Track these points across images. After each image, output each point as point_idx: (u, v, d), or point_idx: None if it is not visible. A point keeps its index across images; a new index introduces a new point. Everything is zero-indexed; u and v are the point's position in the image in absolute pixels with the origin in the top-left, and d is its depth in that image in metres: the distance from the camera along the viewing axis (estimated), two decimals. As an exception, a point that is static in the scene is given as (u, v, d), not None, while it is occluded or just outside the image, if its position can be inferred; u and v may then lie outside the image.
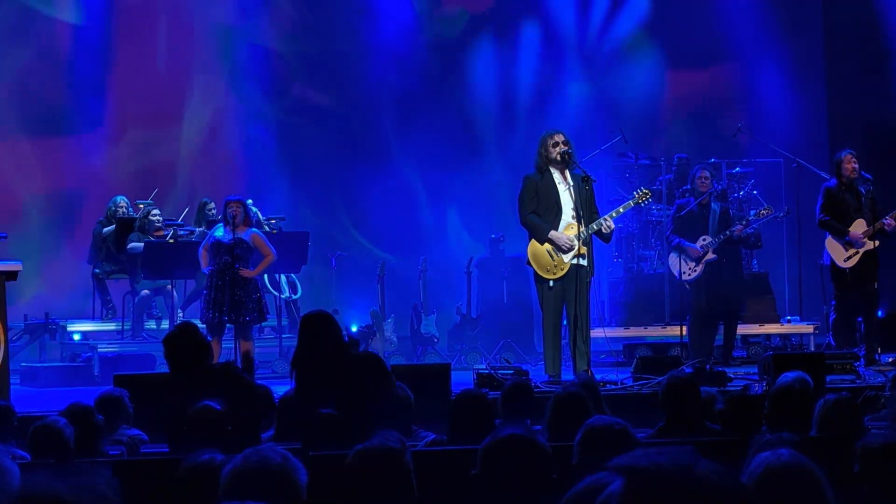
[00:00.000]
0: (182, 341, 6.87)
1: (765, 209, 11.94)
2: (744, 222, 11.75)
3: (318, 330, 6.85)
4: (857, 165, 11.19)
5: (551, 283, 9.79)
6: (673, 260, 11.58)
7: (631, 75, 15.65)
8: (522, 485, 3.59)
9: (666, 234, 11.87)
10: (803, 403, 5.78)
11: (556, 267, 9.78)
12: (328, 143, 15.40)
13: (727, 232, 11.35)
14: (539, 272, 9.83)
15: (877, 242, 11.11)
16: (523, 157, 10.72)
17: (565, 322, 10.03)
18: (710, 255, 11.33)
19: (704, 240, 11.35)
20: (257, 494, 2.95)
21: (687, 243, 11.36)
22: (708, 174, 11.66)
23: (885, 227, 11.07)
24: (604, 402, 6.52)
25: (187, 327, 7.21)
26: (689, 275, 11.37)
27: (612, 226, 9.99)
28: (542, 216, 9.85)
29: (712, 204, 11.52)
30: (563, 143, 9.81)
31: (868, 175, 11.44)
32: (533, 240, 9.87)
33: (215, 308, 10.49)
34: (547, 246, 9.79)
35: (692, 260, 11.34)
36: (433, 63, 15.66)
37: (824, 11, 14.30)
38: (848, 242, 11.15)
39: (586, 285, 9.83)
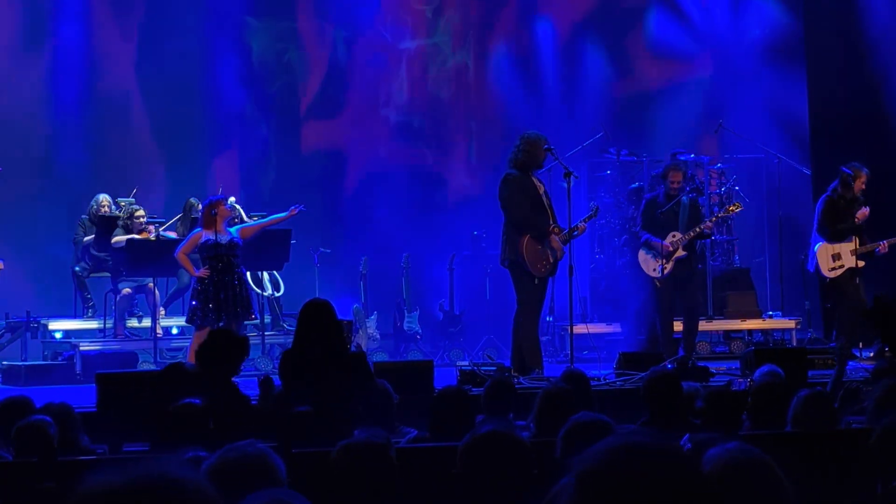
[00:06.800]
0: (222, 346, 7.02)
1: (733, 205, 11.90)
2: (713, 218, 11.66)
3: (318, 318, 6.98)
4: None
5: (536, 280, 9.93)
6: (642, 257, 11.45)
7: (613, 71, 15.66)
8: (503, 481, 3.59)
9: (635, 229, 11.80)
10: (778, 396, 5.84)
11: (546, 265, 9.97)
12: (312, 140, 15.39)
13: (697, 228, 11.21)
14: (531, 268, 9.98)
15: (861, 263, 11.22)
16: (503, 154, 10.75)
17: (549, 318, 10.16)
18: (681, 253, 11.17)
19: (674, 236, 11.17)
20: (238, 490, 2.94)
21: (655, 239, 11.21)
22: (681, 172, 11.52)
23: (877, 252, 11.21)
24: (593, 396, 6.59)
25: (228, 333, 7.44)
26: (660, 272, 11.25)
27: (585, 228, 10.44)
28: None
29: (682, 199, 11.41)
30: (548, 149, 10.09)
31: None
32: (528, 237, 9.94)
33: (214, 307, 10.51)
34: (539, 244, 9.92)
35: (661, 257, 11.20)
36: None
37: (805, 6, 14.33)
38: (837, 253, 11.25)
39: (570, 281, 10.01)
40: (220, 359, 6.97)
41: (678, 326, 11.29)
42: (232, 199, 12.13)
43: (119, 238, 12.25)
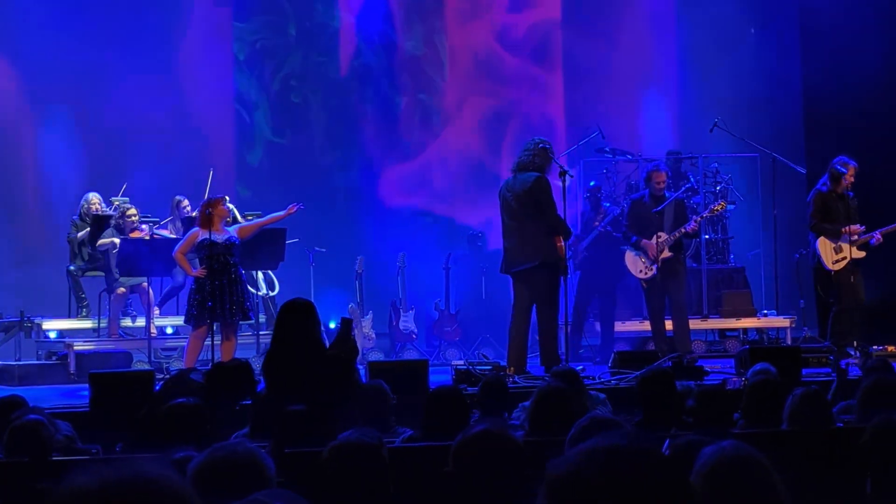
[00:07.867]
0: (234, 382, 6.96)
1: (718, 205, 11.88)
2: (697, 218, 11.61)
3: (296, 322, 6.89)
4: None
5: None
6: (630, 258, 11.43)
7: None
8: (496, 480, 3.58)
9: (622, 230, 11.79)
10: (771, 394, 5.84)
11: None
12: (307, 138, 15.38)
13: (682, 229, 11.20)
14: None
15: (862, 253, 11.21)
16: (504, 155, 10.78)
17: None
18: (667, 253, 11.15)
19: (660, 237, 11.17)
20: (225, 487, 2.92)
21: (645, 241, 11.22)
22: (664, 174, 11.50)
23: (871, 242, 11.18)
24: (585, 395, 6.59)
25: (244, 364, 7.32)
26: (646, 274, 11.24)
27: None
28: None
29: (667, 198, 11.37)
30: (545, 148, 10.21)
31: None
32: (560, 237, 10.14)
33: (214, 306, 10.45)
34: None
35: (648, 258, 11.19)
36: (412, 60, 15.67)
37: (800, 5, 14.34)
38: (838, 245, 11.23)
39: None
40: (225, 393, 6.92)
41: (668, 325, 11.29)
42: (226, 198, 12.11)
43: (104, 241, 12.21)
